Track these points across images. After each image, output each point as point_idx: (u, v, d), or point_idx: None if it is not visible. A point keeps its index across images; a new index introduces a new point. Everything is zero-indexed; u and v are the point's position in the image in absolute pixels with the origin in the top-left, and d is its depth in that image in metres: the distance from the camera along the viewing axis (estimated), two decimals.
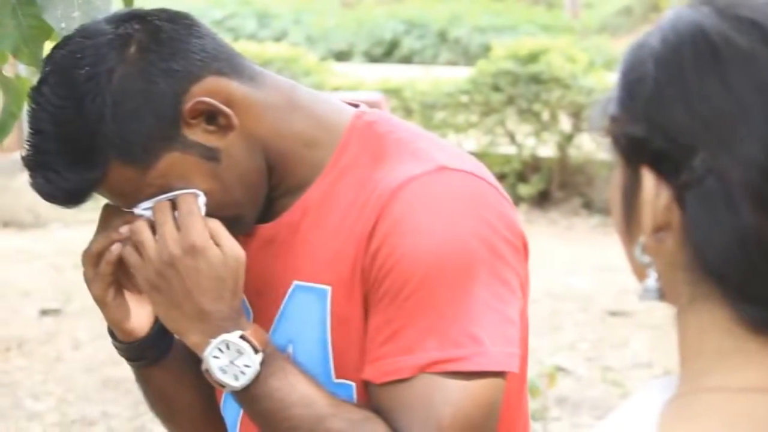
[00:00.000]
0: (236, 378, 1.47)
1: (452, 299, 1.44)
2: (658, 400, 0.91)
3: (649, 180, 0.90)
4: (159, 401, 1.72)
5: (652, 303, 0.93)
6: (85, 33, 1.52)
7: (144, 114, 1.48)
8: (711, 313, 0.88)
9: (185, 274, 1.47)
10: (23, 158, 1.52)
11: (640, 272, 0.94)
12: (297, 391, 1.47)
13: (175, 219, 1.49)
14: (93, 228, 1.57)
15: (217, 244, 1.48)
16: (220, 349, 1.47)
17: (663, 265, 0.91)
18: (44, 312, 6.91)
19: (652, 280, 0.92)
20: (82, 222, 8.36)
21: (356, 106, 1.62)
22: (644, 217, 0.90)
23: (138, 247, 1.50)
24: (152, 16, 1.52)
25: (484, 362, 1.44)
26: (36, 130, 1.50)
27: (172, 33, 1.50)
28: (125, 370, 1.67)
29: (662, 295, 0.92)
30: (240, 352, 1.47)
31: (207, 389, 1.66)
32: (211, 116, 1.50)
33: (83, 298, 1.59)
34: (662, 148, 0.89)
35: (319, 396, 1.48)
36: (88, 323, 6.50)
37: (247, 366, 1.47)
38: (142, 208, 1.51)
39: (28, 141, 1.51)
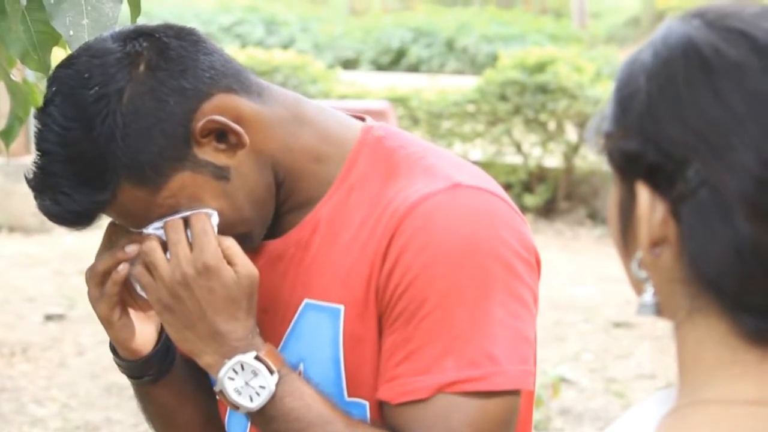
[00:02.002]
0: (251, 399, 1.46)
1: (469, 319, 1.43)
2: (656, 412, 0.92)
3: (644, 195, 0.90)
4: (159, 418, 1.70)
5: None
6: (91, 52, 1.48)
7: (155, 134, 1.45)
8: (708, 325, 0.89)
9: (199, 295, 1.45)
10: (29, 180, 1.49)
11: (637, 287, 0.94)
12: (313, 411, 1.46)
13: (188, 238, 1.47)
14: (98, 234, 1.56)
15: (231, 264, 1.46)
16: (234, 371, 1.46)
17: (660, 279, 0.91)
18: (48, 317, 6.91)
19: (648, 295, 0.92)
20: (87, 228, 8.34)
21: (362, 119, 1.61)
22: (640, 232, 0.91)
23: (149, 268, 1.48)
24: (159, 32, 1.49)
25: (501, 381, 1.44)
26: (43, 151, 1.47)
27: (180, 50, 1.48)
28: None
29: (659, 310, 0.92)
30: (255, 373, 1.45)
31: (207, 405, 1.66)
32: (221, 134, 1.48)
33: (87, 304, 1.59)
34: (656, 161, 0.89)
35: (335, 416, 1.46)
36: (92, 329, 6.49)
37: (262, 387, 1.45)
38: (153, 228, 1.48)
39: (35, 163, 1.48)
